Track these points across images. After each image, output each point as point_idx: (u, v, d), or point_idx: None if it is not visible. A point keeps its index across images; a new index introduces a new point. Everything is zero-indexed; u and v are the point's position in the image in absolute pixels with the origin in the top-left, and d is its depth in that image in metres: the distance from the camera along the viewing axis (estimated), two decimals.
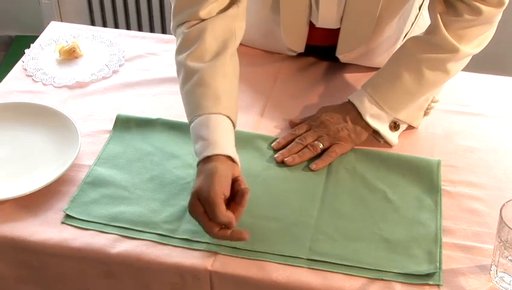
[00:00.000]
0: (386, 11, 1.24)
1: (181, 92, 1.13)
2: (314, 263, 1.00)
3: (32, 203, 1.08)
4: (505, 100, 1.33)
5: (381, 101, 1.18)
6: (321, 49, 1.37)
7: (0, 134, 1.20)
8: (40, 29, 1.60)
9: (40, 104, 1.25)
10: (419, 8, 1.31)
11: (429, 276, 0.98)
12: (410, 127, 1.23)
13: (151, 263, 1.00)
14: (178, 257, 1.00)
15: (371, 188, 1.12)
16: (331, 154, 1.16)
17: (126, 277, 1.03)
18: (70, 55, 1.40)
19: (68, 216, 1.06)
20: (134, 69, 1.38)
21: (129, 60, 1.40)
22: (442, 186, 1.12)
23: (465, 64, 1.21)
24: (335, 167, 1.15)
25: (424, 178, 1.13)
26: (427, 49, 1.16)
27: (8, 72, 1.37)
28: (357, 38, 1.29)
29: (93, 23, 2.66)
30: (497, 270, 0.98)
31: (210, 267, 0.99)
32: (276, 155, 1.16)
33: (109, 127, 1.23)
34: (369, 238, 1.03)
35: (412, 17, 1.31)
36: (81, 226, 1.05)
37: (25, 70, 1.37)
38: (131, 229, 1.04)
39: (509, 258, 0.95)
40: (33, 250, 1.03)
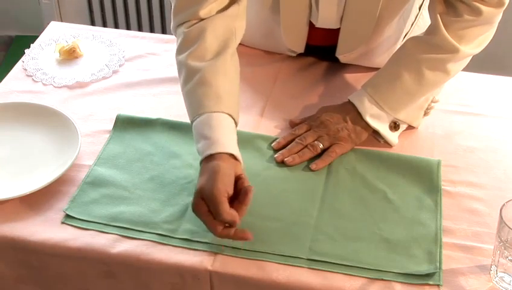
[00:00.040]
0: (386, 11, 1.24)
1: (182, 92, 1.13)
2: (314, 263, 1.00)
3: (32, 203, 1.08)
4: (505, 100, 1.33)
5: (381, 101, 1.18)
6: (321, 49, 1.37)
7: (0, 134, 1.20)
8: (40, 29, 1.60)
9: (40, 104, 1.24)
10: (419, 8, 1.31)
11: (429, 276, 0.98)
12: (410, 127, 1.23)
13: (151, 263, 1.00)
14: (178, 257, 1.00)
15: (371, 188, 1.12)
16: (331, 154, 1.16)
17: (126, 277, 1.03)
18: (70, 55, 1.40)
19: (68, 216, 1.06)
20: (134, 69, 1.38)
21: (129, 60, 1.40)
22: (442, 186, 1.12)
23: (465, 64, 1.21)
24: (335, 167, 1.15)
25: (424, 178, 1.13)
26: (427, 50, 1.16)
27: (8, 72, 1.37)
28: (357, 39, 1.29)
29: (93, 23, 2.65)
30: (497, 270, 0.98)
31: (210, 267, 0.99)
32: (276, 155, 1.16)
33: (109, 127, 1.23)
34: (369, 238, 1.03)
35: (412, 17, 1.31)
36: (81, 226, 1.05)
37: (25, 70, 1.37)
38: (131, 229, 1.04)
39: (509, 258, 0.95)
40: (33, 250, 1.03)
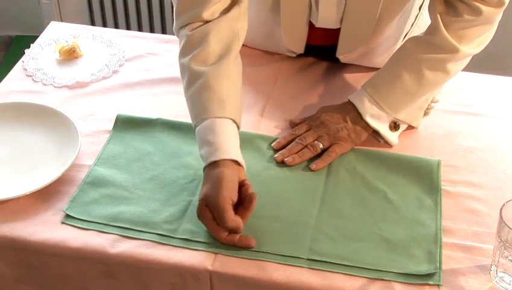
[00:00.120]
0: (386, 11, 1.24)
1: (185, 95, 1.13)
2: (314, 263, 0.99)
3: (32, 203, 1.08)
4: (505, 100, 1.33)
5: (381, 101, 1.18)
6: (321, 49, 1.37)
7: (0, 134, 1.20)
8: (40, 29, 1.60)
9: (40, 104, 1.24)
10: (420, 8, 1.31)
11: (429, 276, 0.98)
12: (410, 127, 1.23)
13: (151, 263, 1.00)
14: (178, 257, 1.00)
15: (371, 188, 1.12)
16: (331, 154, 1.16)
17: (126, 277, 1.03)
18: (70, 55, 1.40)
19: (68, 216, 1.06)
20: (134, 69, 1.38)
21: (129, 60, 1.40)
22: (442, 186, 1.12)
23: (465, 64, 1.21)
24: (335, 167, 1.15)
25: (424, 178, 1.13)
26: (427, 50, 1.16)
27: (8, 72, 1.37)
28: (357, 39, 1.29)
29: (93, 23, 2.65)
30: (497, 270, 0.98)
31: (210, 267, 0.99)
32: (276, 155, 1.16)
33: (109, 127, 1.23)
34: (369, 238, 1.03)
35: (412, 17, 1.31)
36: (81, 226, 1.05)
37: (25, 70, 1.37)
38: (131, 229, 1.04)
39: (509, 258, 0.95)
40: (33, 250, 1.03)
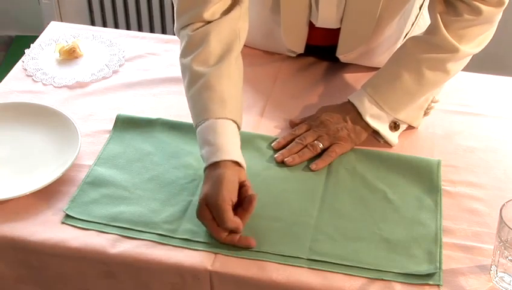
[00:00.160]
0: (386, 11, 1.24)
1: (186, 96, 1.13)
2: (314, 263, 0.99)
3: (32, 203, 1.08)
4: (505, 100, 1.33)
5: (381, 101, 1.18)
6: (321, 49, 1.37)
7: (0, 134, 1.20)
8: (40, 29, 1.60)
9: (40, 104, 1.24)
10: (420, 8, 1.31)
11: (429, 276, 0.98)
12: (410, 127, 1.23)
13: (151, 263, 1.00)
14: (178, 257, 1.00)
15: (371, 188, 1.12)
16: (331, 154, 1.16)
17: (126, 277, 1.03)
18: (70, 55, 1.39)
19: (68, 216, 1.06)
20: (134, 69, 1.38)
21: (129, 60, 1.40)
22: (442, 186, 1.12)
23: (465, 64, 1.21)
24: (335, 167, 1.15)
25: (424, 178, 1.13)
26: (427, 49, 1.16)
27: (8, 72, 1.37)
28: (357, 38, 1.29)
29: (93, 23, 2.65)
30: (497, 270, 0.98)
31: (210, 267, 0.99)
32: (276, 155, 1.16)
33: (109, 127, 1.23)
34: (369, 238, 1.03)
35: (412, 17, 1.31)
36: (81, 226, 1.05)
37: (25, 70, 1.37)
38: (131, 229, 1.04)
39: (509, 258, 0.95)
40: (33, 250, 1.03)
